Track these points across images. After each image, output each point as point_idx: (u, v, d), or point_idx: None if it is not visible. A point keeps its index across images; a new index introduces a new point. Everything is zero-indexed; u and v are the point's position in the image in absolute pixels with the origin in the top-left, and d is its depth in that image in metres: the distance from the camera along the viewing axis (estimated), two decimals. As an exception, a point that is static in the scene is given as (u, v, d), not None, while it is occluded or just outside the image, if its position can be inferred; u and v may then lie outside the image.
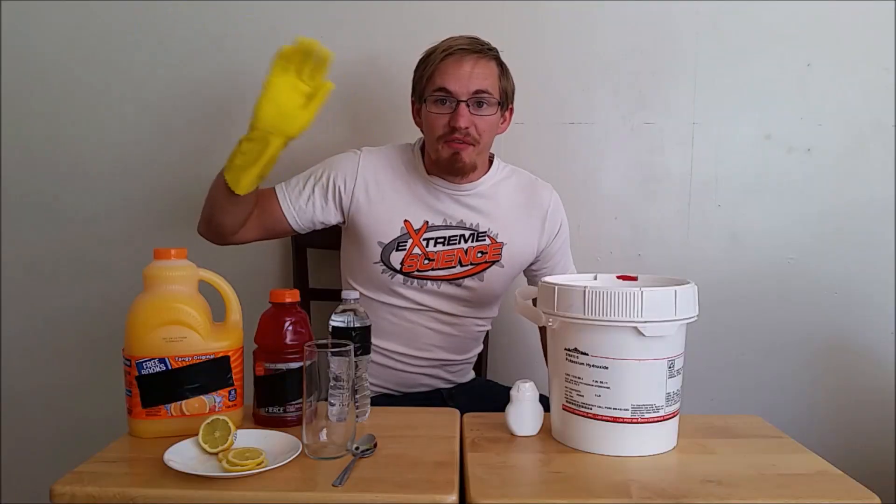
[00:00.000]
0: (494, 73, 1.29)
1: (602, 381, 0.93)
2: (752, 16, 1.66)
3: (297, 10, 1.66)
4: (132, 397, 1.01)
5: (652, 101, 1.69)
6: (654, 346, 0.92)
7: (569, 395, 0.97)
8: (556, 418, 1.01)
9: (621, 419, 0.93)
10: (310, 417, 0.92)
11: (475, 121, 1.26)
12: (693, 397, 1.74)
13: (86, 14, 1.67)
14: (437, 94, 1.26)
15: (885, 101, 1.68)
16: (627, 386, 0.92)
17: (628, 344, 0.92)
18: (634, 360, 0.92)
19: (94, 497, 0.83)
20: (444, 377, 1.42)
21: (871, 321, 1.74)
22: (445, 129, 1.26)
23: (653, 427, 0.94)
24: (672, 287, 0.93)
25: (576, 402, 0.96)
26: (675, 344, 0.95)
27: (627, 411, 0.93)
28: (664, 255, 1.72)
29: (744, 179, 1.71)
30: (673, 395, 0.95)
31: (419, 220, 1.33)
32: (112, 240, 1.72)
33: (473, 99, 1.25)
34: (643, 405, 0.93)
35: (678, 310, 0.93)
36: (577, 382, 0.95)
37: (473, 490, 0.84)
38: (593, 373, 0.93)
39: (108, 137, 1.70)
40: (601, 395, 0.93)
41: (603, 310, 0.91)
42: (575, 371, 0.95)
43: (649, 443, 0.95)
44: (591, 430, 0.95)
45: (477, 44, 1.29)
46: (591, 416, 0.95)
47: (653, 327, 0.91)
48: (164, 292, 1.02)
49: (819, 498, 0.84)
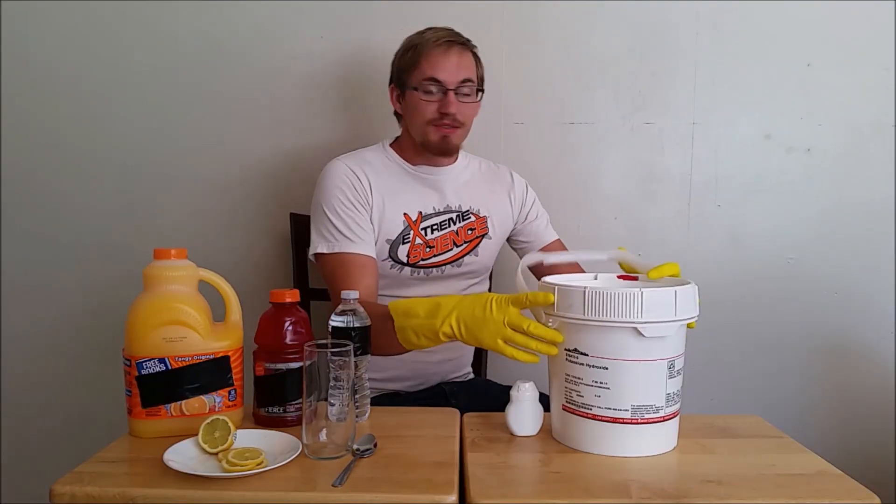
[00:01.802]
0: (473, 63, 1.39)
1: (602, 382, 0.93)
2: (752, 16, 1.66)
3: (297, 9, 1.66)
4: (132, 397, 1.00)
5: (652, 101, 1.69)
6: (654, 347, 0.92)
7: (569, 395, 0.97)
8: (556, 418, 1.01)
9: (621, 420, 0.93)
10: (310, 417, 0.92)
11: (462, 107, 1.35)
12: (693, 397, 1.74)
13: (86, 14, 1.67)
14: (427, 82, 1.34)
15: (885, 101, 1.68)
16: (627, 386, 0.92)
17: (628, 344, 0.91)
18: (634, 360, 0.92)
19: (94, 497, 0.82)
20: (450, 358, 1.46)
21: (871, 321, 1.74)
22: (435, 115, 1.35)
23: (653, 427, 0.94)
24: (672, 287, 0.93)
25: (575, 403, 0.96)
26: (676, 344, 0.95)
27: (627, 412, 0.93)
28: (664, 255, 1.71)
29: (744, 179, 1.71)
30: (673, 396, 0.95)
31: (414, 212, 1.39)
32: (112, 240, 1.72)
33: (461, 87, 1.35)
34: (643, 406, 0.93)
35: (678, 310, 0.93)
36: (577, 383, 0.95)
37: (473, 490, 0.84)
38: (593, 373, 0.93)
39: (108, 137, 1.70)
40: (601, 395, 0.93)
41: (603, 310, 0.91)
42: (575, 371, 0.95)
43: (649, 443, 0.95)
44: (591, 431, 0.95)
45: (459, 36, 1.38)
46: (590, 416, 0.94)
47: (653, 328, 0.91)
48: (164, 292, 1.01)
49: (819, 498, 0.84)
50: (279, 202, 1.70)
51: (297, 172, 1.69)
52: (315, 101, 1.69)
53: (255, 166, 1.71)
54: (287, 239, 1.65)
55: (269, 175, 1.70)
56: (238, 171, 1.71)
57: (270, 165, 1.70)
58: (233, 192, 1.72)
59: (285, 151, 1.70)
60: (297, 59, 1.68)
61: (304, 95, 1.69)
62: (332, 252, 1.31)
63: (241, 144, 1.70)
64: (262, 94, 1.69)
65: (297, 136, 1.70)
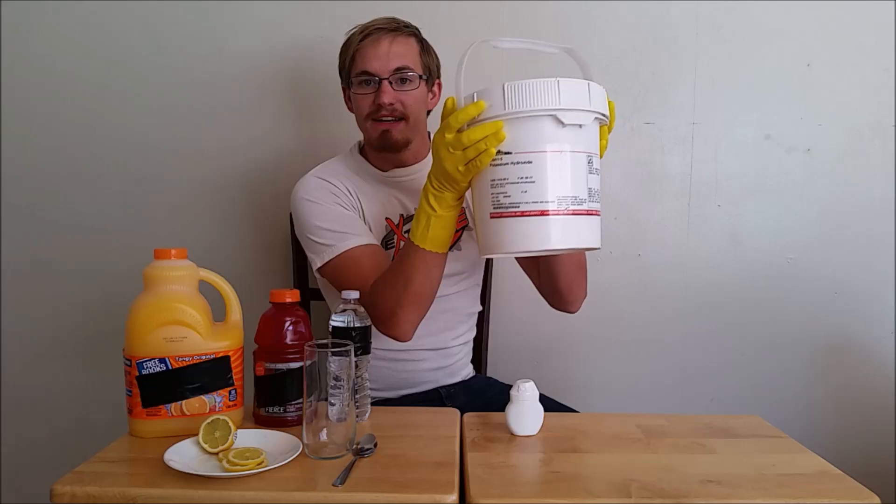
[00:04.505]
0: (414, 50, 1.32)
1: (527, 177, 0.94)
2: (752, 16, 1.66)
3: (297, 9, 1.66)
4: (132, 397, 1.01)
5: (651, 101, 1.69)
6: (574, 138, 0.95)
7: (496, 199, 0.97)
8: (485, 231, 1.00)
9: (548, 212, 0.94)
10: (310, 417, 0.92)
11: (400, 97, 1.29)
12: (693, 397, 1.76)
13: (86, 14, 1.67)
14: (360, 76, 1.29)
15: (885, 101, 1.68)
16: (550, 178, 0.94)
17: (549, 135, 0.94)
18: (556, 151, 0.94)
19: (94, 497, 0.82)
20: (443, 366, 1.41)
21: (871, 321, 1.74)
22: (372, 108, 1.29)
23: (578, 219, 0.95)
24: (586, 80, 0.97)
25: (503, 205, 0.96)
26: (592, 140, 0.98)
27: (554, 203, 0.94)
28: (664, 255, 1.72)
29: (744, 179, 1.71)
30: (594, 193, 0.97)
31: (395, 216, 1.36)
32: (112, 240, 1.72)
33: (396, 76, 1.28)
34: (567, 196, 0.94)
35: (592, 102, 0.96)
36: (504, 184, 0.96)
37: (473, 490, 0.84)
38: (518, 170, 0.95)
39: (108, 137, 1.70)
40: (527, 190, 0.94)
41: (523, 101, 0.93)
42: (500, 174, 0.96)
43: (576, 235, 0.97)
44: (520, 228, 0.96)
45: (393, 23, 1.31)
46: (518, 213, 0.95)
47: (571, 115, 0.93)
48: (165, 292, 1.02)
49: (819, 498, 0.84)
50: (279, 202, 1.70)
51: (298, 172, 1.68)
52: (316, 101, 1.69)
53: (256, 166, 1.71)
54: (287, 239, 1.65)
55: (269, 175, 1.70)
56: (239, 171, 1.71)
57: (271, 165, 1.70)
58: (233, 192, 1.72)
59: (286, 151, 1.70)
60: (298, 58, 1.68)
61: (305, 95, 1.69)
62: (332, 258, 1.26)
63: (243, 144, 1.70)
64: (263, 94, 1.69)
65: (297, 135, 1.71)
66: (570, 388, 1.66)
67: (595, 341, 1.74)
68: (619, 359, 1.74)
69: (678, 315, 1.73)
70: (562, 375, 1.72)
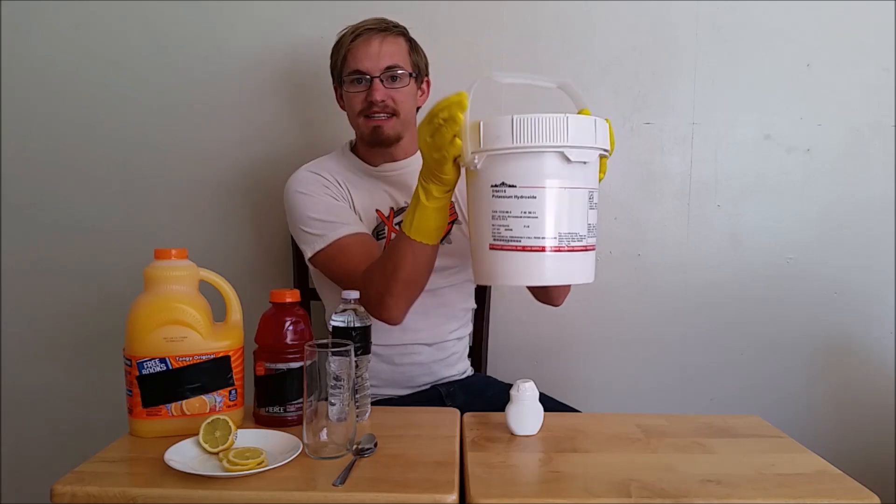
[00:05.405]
0: (403, 49, 1.36)
1: (530, 212, 0.95)
2: (752, 16, 1.66)
3: (297, 9, 1.66)
4: (133, 397, 1.01)
5: (651, 101, 1.69)
6: (578, 174, 0.95)
7: (496, 232, 0.97)
8: (484, 260, 1.01)
9: (547, 248, 0.95)
10: (310, 417, 0.92)
11: (391, 94, 1.33)
12: (693, 397, 1.75)
13: (86, 14, 1.67)
14: (352, 75, 1.34)
15: (885, 101, 1.68)
16: (554, 214, 0.95)
17: (554, 171, 0.94)
18: (560, 188, 0.94)
19: (94, 497, 0.83)
20: (439, 358, 1.42)
21: (871, 321, 1.74)
22: (364, 105, 1.33)
23: (576, 256, 0.96)
24: (592, 116, 0.97)
25: (504, 238, 0.97)
26: (593, 175, 0.99)
27: (555, 239, 0.95)
28: (664, 255, 1.72)
29: (744, 179, 1.71)
30: (592, 228, 0.98)
31: (385, 208, 1.39)
32: (112, 240, 1.72)
33: (386, 74, 1.32)
34: (568, 233, 0.95)
35: (598, 139, 0.96)
36: (506, 217, 0.96)
37: (473, 490, 0.84)
38: (521, 204, 0.95)
39: (108, 137, 1.70)
40: (530, 225, 0.95)
41: (531, 136, 0.93)
42: (502, 206, 0.96)
43: (572, 271, 0.98)
44: (520, 262, 0.96)
45: (383, 23, 1.36)
46: (519, 248, 0.96)
47: (578, 152, 0.94)
48: (165, 292, 1.02)
49: (819, 498, 0.84)
50: (280, 202, 1.68)
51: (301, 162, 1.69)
52: (316, 101, 1.69)
53: (256, 166, 1.71)
54: (287, 239, 1.65)
55: (270, 175, 1.70)
56: (239, 170, 1.71)
57: (272, 165, 1.70)
58: (233, 191, 1.72)
59: (286, 151, 1.70)
60: (298, 58, 1.68)
61: (305, 95, 1.69)
62: (323, 247, 1.29)
63: (243, 144, 1.70)
64: (263, 94, 1.69)
65: (297, 135, 1.71)
66: (570, 387, 1.66)
67: (595, 341, 1.74)
68: (619, 359, 1.74)
69: (678, 315, 1.73)
70: (562, 375, 1.72)
